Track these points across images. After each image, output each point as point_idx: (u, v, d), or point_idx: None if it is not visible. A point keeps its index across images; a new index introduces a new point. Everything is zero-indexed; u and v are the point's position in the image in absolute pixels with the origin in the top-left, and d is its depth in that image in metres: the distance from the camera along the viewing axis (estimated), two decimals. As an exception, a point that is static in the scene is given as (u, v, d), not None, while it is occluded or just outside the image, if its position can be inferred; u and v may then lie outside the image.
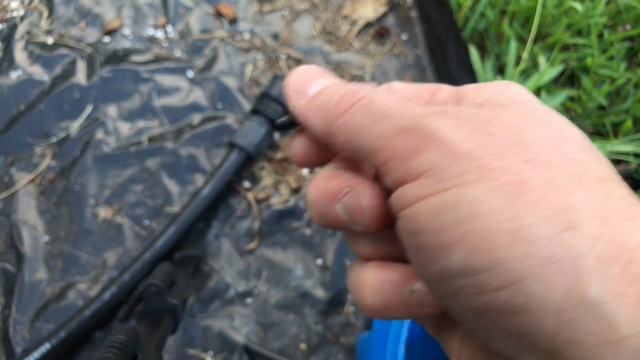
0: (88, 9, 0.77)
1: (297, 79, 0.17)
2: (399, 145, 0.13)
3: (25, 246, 0.62)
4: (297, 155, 0.18)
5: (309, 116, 0.16)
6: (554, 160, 0.12)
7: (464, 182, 0.12)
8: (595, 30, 0.76)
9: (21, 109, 0.70)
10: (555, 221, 0.11)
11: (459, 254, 0.12)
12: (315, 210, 0.16)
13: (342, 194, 0.15)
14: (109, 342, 0.34)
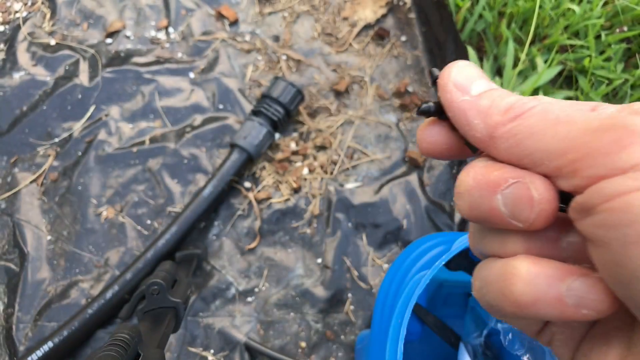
0: (90, 11, 0.77)
1: (459, 74, 0.17)
2: (596, 143, 0.13)
3: (28, 245, 0.62)
4: (430, 143, 0.18)
5: (469, 115, 0.16)
6: None
7: None
8: (592, 32, 0.77)
9: (24, 109, 0.70)
10: None
11: None
12: (468, 200, 0.16)
13: (506, 184, 0.15)
14: (112, 340, 0.34)
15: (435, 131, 0.18)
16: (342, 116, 0.72)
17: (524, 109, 0.15)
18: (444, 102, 0.17)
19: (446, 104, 0.17)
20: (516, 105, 0.15)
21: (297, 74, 0.75)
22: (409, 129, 0.72)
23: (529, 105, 0.15)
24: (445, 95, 0.17)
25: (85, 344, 0.58)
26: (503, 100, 0.16)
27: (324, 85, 0.74)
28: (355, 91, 0.75)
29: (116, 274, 0.61)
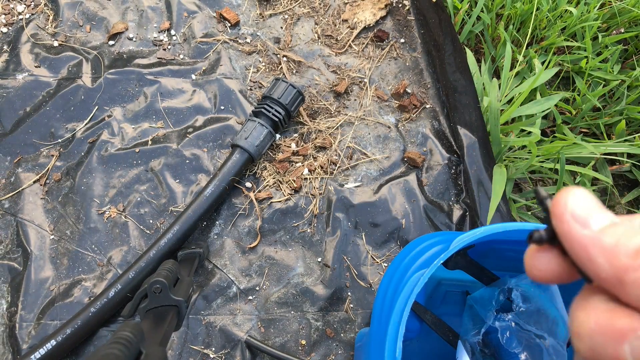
0: (93, 13, 0.78)
1: (578, 204, 0.16)
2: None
3: (32, 245, 0.63)
4: (543, 271, 0.17)
5: (592, 252, 0.15)
6: None
7: None
8: (589, 34, 0.78)
9: (27, 110, 0.71)
10: None
11: None
12: (589, 344, 0.15)
13: (635, 335, 0.14)
14: (114, 338, 0.35)
15: (547, 259, 0.17)
16: (341, 117, 0.73)
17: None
18: (560, 232, 0.16)
19: (563, 235, 0.16)
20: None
21: (298, 76, 0.76)
22: (407, 130, 0.73)
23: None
24: (562, 226, 0.16)
25: (88, 342, 0.58)
26: (631, 241, 0.15)
27: (324, 86, 0.75)
28: (354, 92, 0.75)
29: (119, 273, 0.61)
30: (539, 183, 0.75)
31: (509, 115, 0.69)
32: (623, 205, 0.74)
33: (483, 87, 0.74)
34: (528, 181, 0.73)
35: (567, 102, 0.79)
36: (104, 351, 0.33)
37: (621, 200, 0.74)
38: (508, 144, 0.69)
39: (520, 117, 0.73)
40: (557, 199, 0.16)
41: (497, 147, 0.69)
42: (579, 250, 0.15)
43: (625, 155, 0.70)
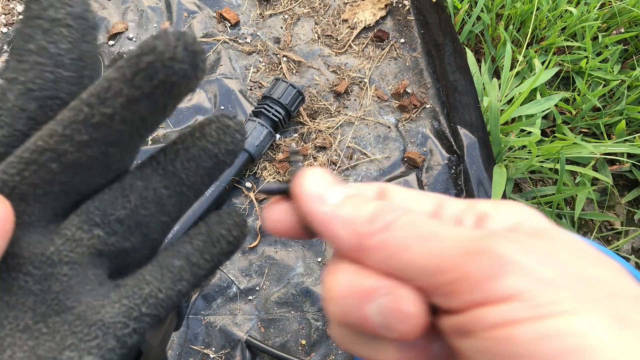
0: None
1: (313, 183, 0.16)
2: (472, 267, 0.13)
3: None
4: (276, 222, 0.17)
5: (333, 226, 0.16)
6: (625, 293, 0.13)
7: (565, 311, 0.12)
8: (589, 33, 0.78)
9: (28, 110, 0.71)
10: None
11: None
12: (339, 307, 0.15)
13: (379, 294, 0.15)
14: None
15: (281, 211, 0.17)
16: (341, 117, 0.73)
17: (389, 217, 0.15)
18: (305, 212, 0.16)
19: (307, 215, 0.16)
20: (379, 214, 0.15)
21: (298, 76, 0.76)
22: (407, 130, 0.73)
23: (393, 215, 0.15)
24: (304, 207, 0.16)
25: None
26: (363, 209, 0.15)
27: (324, 86, 0.75)
28: (354, 92, 0.75)
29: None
30: (539, 183, 0.75)
31: (509, 115, 0.69)
32: (623, 205, 0.74)
33: (483, 87, 0.74)
34: (528, 181, 0.73)
35: (567, 102, 0.79)
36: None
37: (621, 200, 0.74)
38: (508, 144, 0.69)
39: (520, 117, 0.73)
40: (295, 182, 0.17)
41: (497, 147, 0.69)
42: (323, 227, 0.16)
43: (625, 155, 0.71)
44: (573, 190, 0.68)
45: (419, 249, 0.14)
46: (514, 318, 0.12)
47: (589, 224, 0.73)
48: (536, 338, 0.12)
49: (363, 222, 0.15)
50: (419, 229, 0.15)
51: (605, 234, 0.72)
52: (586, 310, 0.12)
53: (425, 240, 0.14)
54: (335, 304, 0.15)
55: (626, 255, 0.71)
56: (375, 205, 0.16)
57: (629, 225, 0.73)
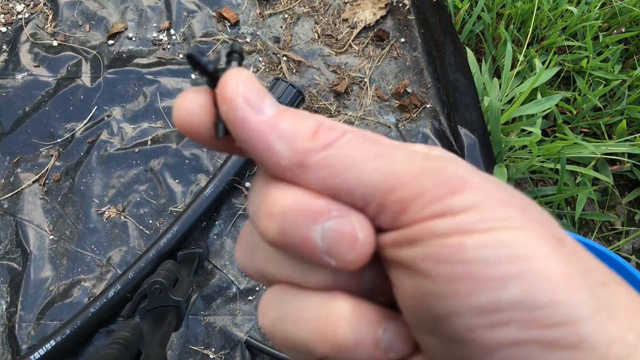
0: (92, 12, 0.78)
1: (249, 87, 0.14)
2: (429, 183, 0.13)
3: (31, 245, 0.63)
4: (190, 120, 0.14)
5: (270, 140, 0.14)
6: (555, 221, 0.14)
7: (513, 226, 0.13)
8: (590, 33, 0.78)
9: (27, 110, 0.71)
10: (588, 278, 0.13)
11: (518, 288, 0.12)
12: (280, 224, 0.14)
13: (330, 217, 0.14)
14: (114, 338, 0.35)
15: (197, 103, 0.15)
16: (342, 117, 0.73)
17: (334, 135, 0.14)
18: (230, 118, 0.14)
19: (236, 122, 0.14)
20: (322, 129, 0.14)
21: (298, 75, 0.76)
22: (408, 130, 0.73)
23: (339, 132, 0.14)
24: (234, 113, 0.14)
25: (87, 342, 0.58)
26: (306, 123, 0.14)
27: (324, 86, 0.75)
28: (355, 92, 0.75)
29: (118, 273, 0.61)
30: (540, 183, 0.75)
31: (510, 115, 0.69)
32: (623, 206, 0.74)
33: (484, 87, 0.73)
34: (529, 181, 0.73)
35: (568, 101, 0.79)
36: (103, 352, 0.33)
37: (622, 200, 0.74)
38: (509, 144, 0.69)
39: (521, 117, 0.73)
40: (226, 81, 0.14)
41: (498, 147, 0.69)
42: (257, 138, 0.14)
43: (626, 155, 0.70)
44: (574, 190, 0.67)
45: (368, 167, 0.14)
46: (465, 229, 0.13)
47: (589, 224, 0.73)
48: (483, 245, 0.12)
49: (304, 137, 0.14)
50: (367, 147, 0.14)
51: (606, 234, 0.72)
52: (531, 229, 0.13)
53: (375, 157, 0.14)
54: (274, 220, 0.14)
55: (627, 256, 0.70)
56: (316, 120, 0.14)
57: (629, 225, 0.72)
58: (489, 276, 0.12)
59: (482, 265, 0.12)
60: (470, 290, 0.12)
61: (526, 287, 0.12)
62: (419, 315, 0.14)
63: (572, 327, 0.12)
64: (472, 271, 0.12)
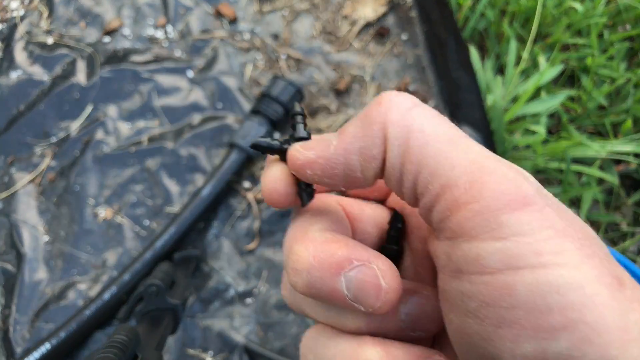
0: (88, 9, 0.77)
1: (307, 155, 0.17)
2: (487, 190, 0.13)
3: (26, 246, 0.62)
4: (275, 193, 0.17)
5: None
6: (598, 252, 0.12)
7: (568, 264, 0.12)
8: (595, 30, 0.76)
9: (21, 109, 0.70)
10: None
11: (568, 341, 0.11)
12: (307, 280, 0.14)
13: (350, 267, 0.14)
14: (110, 341, 0.34)
15: (278, 176, 0.17)
16: (342, 115, 0.72)
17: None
18: (302, 177, 0.16)
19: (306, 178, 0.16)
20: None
21: (297, 73, 0.74)
22: (409, 129, 0.72)
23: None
24: (305, 176, 0.16)
25: (83, 345, 0.57)
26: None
27: (324, 84, 0.74)
28: (355, 90, 0.74)
29: (114, 275, 0.60)
30: (544, 183, 0.74)
31: (514, 113, 0.68)
32: (629, 206, 0.73)
33: (487, 85, 0.72)
34: (532, 181, 0.72)
35: (573, 100, 0.78)
36: (99, 355, 0.32)
37: (627, 200, 0.73)
38: (513, 143, 0.68)
39: (525, 116, 0.72)
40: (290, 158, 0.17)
41: (502, 146, 0.68)
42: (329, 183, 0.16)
43: (631, 155, 0.69)
44: (579, 190, 0.66)
45: (444, 156, 0.13)
46: (516, 264, 0.12)
47: (595, 224, 0.71)
48: (534, 288, 0.11)
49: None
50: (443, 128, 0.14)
51: (612, 235, 0.71)
52: (588, 267, 0.12)
53: (449, 141, 0.14)
54: (299, 276, 0.14)
55: (633, 257, 0.69)
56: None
57: (635, 226, 0.71)
58: (538, 326, 0.11)
59: (531, 314, 0.11)
60: (517, 337, 0.12)
61: (577, 341, 0.11)
62: (465, 349, 0.13)
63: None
64: (520, 319, 0.12)
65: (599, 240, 0.13)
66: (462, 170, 0.13)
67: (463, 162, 0.13)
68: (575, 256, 0.12)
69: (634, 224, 0.71)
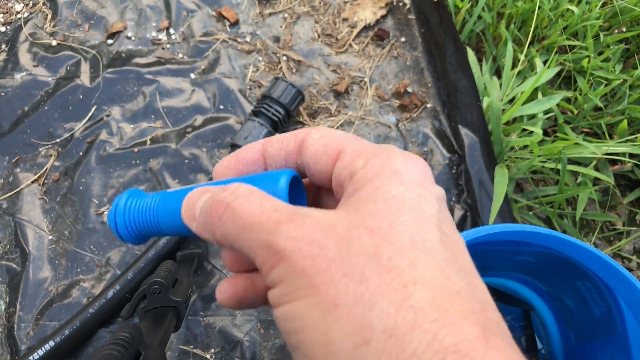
0: (92, 12, 0.78)
1: (188, 203, 0.19)
2: (263, 257, 0.15)
3: (30, 245, 0.63)
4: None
5: (204, 235, 0.18)
6: (368, 270, 0.14)
7: (298, 297, 0.14)
8: (591, 33, 0.77)
9: (26, 110, 0.70)
10: (354, 337, 0.13)
11: (298, 357, 0.14)
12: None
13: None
14: (113, 339, 0.34)
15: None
16: (342, 117, 0.73)
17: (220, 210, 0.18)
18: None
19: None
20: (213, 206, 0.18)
21: (298, 75, 0.75)
22: (408, 130, 0.73)
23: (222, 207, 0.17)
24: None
25: (86, 343, 0.58)
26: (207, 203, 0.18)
27: (324, 85, 0.75)
28: (355, 92, 0.75)
29: (117, 274, 0.61)
30: (541, 183, 0.75)
31: (511, 115, 0.69)
32: (625, 206, 0.74)
33: (484, 87, 0.73)
34: (530, 181, 0.73)
35: (569, 101, 0.79)
36: (102, 352, 0.33)
37: (623, 200, 0.74)
38: (509, 144, 0.69)
39: (522, 117, 0.73)
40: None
41: (499, 147, 0.69)
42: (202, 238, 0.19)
43: (627, 155, 0.70)
44: (575, 190, 0.67)
45: (241, 240, 0.17)
46: (277, 301, 0.15)
47: (590, 224, 0.72)
48: (283, 319, 0.15)
49: (208, 220, 0.18)
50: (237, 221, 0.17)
51: (607, 234, 0.72)
52: (310, 295, 0.14)
53: (242, 231, 0.16)
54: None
55: (628, 256, 0.70)
56: (209, 197, 0.18)
57: (630, 225, 0.72)
58: (288, 344, 0.15)
59: (285, 335, 0.15)
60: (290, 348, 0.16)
61: (301, 357, 0.14)
62: None
63: None
64: (284, 338, 0.15)
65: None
66: None
67: None
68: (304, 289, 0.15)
69: (629, 223, 0.72)
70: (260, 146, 0.20)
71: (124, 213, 0.22)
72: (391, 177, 0.15)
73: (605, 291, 0.43)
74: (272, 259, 0.15)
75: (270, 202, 0.16)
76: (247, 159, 0.20)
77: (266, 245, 0.15)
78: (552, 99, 0.69)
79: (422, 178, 0.16)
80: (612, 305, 0.43)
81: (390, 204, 0.15)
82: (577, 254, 0.41)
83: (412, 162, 0.16)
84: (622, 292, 0.41)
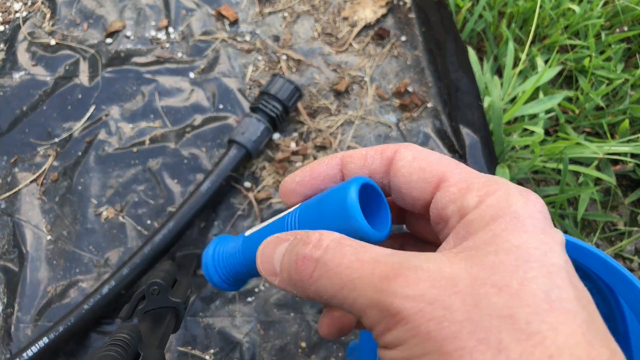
0: (91, 11, 0.77)
1: (263, 256, 0.18)
2: (374, 318, 0.14)
3: (28, 245, 0.62)
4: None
5: (289, 290, 0.17)
6: (505, 336, 0.12)
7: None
8: (592, 32, 0.77)
9: (24, 109, 0.70)
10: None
11: None
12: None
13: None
14: (112, 339, 0.34)
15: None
16: (342, 116, 0.72)
17: (309, 267, 0.17)
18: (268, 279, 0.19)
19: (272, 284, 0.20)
20: (300, 262, 0.17)
21: (297, 74, 0.75)
22: (409, 129, 0.72)
23: (311, 262, 0.17)
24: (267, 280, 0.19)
25: (83, 342, 0.58)
26: (292, 261, 0.17)
27: (324, 85, 0.74)
28: (355, 91, 0.75)
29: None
30: (542, 183, 0.74)
31: (512, 114, 0.68)
32: (626, 206, 0.73)
33: (485, 86, 0.73)
34: (531, 181, 0.72)
35: (570, 101, 0.79)
36: (100, 353, 0.33)
37: (624, 200, 0.73)
38: (511, 144, 0.68)
39: (523, 117, 0.72)
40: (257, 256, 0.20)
41: (500, 147, 0.68)
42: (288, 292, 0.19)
43: (628, 155, 0.70)
44: (576, 190, 0.67)
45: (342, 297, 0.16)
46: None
47: (592, 224, 0.72)
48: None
49: (296, 278, 0.17)
50: (334, 278, 0.16)
51: (609, 234, 0.71)
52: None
53: (342, 287, 0.15)
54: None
55: (629, 257, 0.70)
56: (297, 252, 0.17)
57: (632, 225, 0.72)
58: None
59: None
60: None
61: None
62: None
63: None
64: None
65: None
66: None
67: None
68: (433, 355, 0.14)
69: (631, 223, 0.72)
70: (338, 160, 0.19)
71: (213, 263, 0.22)
72: (511, 223, 0.14)
73: (607, 292, 0.43)
74: (387, 321, 0.14)
75: (366, 253, 0.15)
76: (324, 174, 0.19)
77: (378, 305, 0.14)
78: (554, 99, 0.69)
79: (544, 223, 0.14)
80: (614, 306, 0.43)
81: (515, 255, 0.13)
82: (578, 255, 0.41)
83: (532, 204, 0.15)
84: (623, 293, 0.40)
